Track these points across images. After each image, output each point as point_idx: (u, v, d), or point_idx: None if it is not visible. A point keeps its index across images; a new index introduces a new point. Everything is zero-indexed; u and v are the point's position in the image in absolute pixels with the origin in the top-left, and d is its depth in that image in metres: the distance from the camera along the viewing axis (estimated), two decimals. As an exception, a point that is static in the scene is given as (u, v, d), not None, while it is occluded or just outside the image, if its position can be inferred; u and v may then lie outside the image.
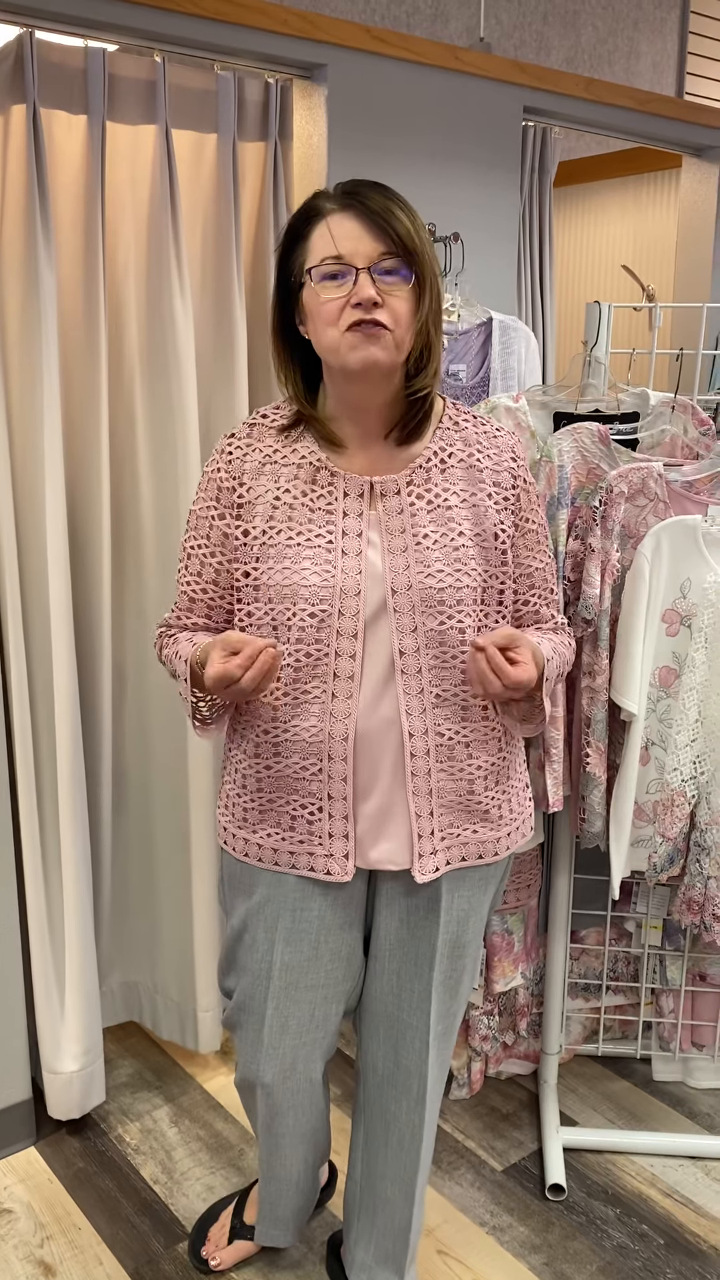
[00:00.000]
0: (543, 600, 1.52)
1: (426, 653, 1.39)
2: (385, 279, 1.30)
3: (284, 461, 1.41)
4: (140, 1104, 2.30)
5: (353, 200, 1.30)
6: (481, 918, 1.58)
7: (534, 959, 2.29)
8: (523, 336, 2.43)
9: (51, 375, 1.94)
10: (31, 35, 1.83)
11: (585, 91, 2.52)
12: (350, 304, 1.29)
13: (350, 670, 1.38)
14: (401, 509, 1.39)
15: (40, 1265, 1.89)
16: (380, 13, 3.06)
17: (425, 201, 2.35)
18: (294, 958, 1.51)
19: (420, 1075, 1.59)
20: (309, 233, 1.33)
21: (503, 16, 3.38)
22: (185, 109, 2.06)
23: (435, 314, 1.36)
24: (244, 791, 1.49)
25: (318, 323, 1.33)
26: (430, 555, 1.38)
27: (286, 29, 2.03)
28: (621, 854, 1.92)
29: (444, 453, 1.43)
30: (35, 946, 2.10)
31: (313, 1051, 1.60)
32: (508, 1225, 1.99)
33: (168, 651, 1.49)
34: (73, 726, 2.05)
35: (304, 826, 1.45)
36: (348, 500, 1.39)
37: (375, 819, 1.44)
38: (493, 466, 1.44)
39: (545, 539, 1.52)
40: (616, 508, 1.86)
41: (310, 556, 1.38)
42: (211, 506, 1.44)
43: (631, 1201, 2.05)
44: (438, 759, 1.43)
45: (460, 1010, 1.63)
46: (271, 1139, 1.69)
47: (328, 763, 1.41)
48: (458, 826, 1.47)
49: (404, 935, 1.53)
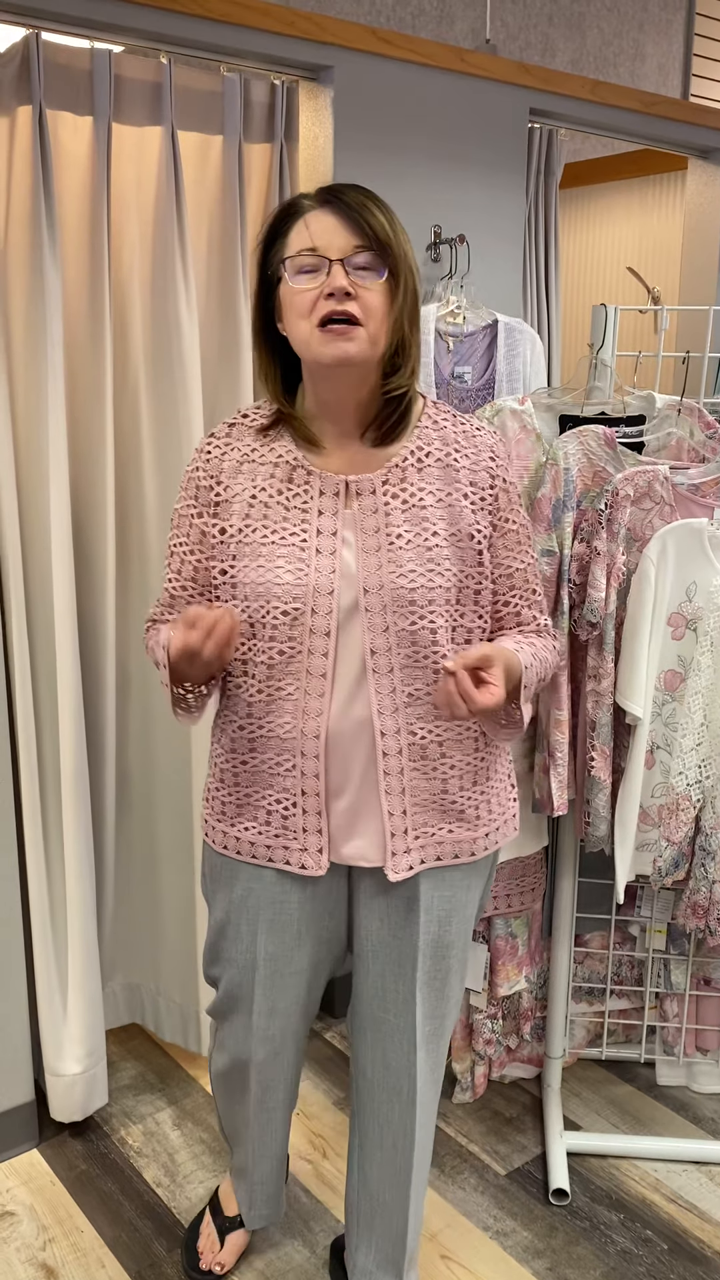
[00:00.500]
0: (524, 602, 1.51)
1: (398, 652, 1.39)
2: (359, 273, 1.31)
3: (261, 460, 1.43)
4: (143, 1106, 2.29)
5: (330, 197, 1.33)
6: (467, 918, 1.57)
7: (538, 963, 2.29)
8: (528, 339, 2.43)
9: (56, 376, 1.94)
10: (37, 36, 1.82)
11: (591, 94, 2.51)
12: (323, 295, 1.31)
13: (323, 669, 1.39)
14: (376, 508, 1.40)
15: (42, 1268, 1.89)
16: (386, 14, 3.06)
17: (431, 203, 2.35)
18: (278, 947, 1.53)
19: (410, 1076, 1.58)
20: (288, 230, 1.35)
21: (508, 18, 3.38)
22: (191, 110, 2.06)
23: (411, 311, 1.37)
24: (223, 786, 1.52)
25: (292, 315, 1.34)
26: (403, 555, 1.38)
27: (292, 31, 2.03)
28: (626, 858, 1.92)
29: (421, 452, 1.43)
30: (38, 948, 2.10)
31: (300, 1026, 1.64)
32: (511, 1230, 1.98)
33: (151, 644, 1.52)
34: (76, 728, 2.05)
35: (279, 821, 1.47)
36: (323, 499, 1.40)
37: (348, 816, 1.45)
38: (470, 466, 1.44)
39: (527, 539, 1.51)
40: (622, 511, 1.86)
41: (284, 555, 1.38)
42: (191, 505, 1.46)
43: (635, 1207, 2.05)
44: (410, 758, 1.43)
45: (451, 1012, 1.62)
46: (264, 1114, 1.71)
47: (300, 759, 1.43)
48: (432, 826, 1.47)
49: (385, 936, 1.53)
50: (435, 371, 2.31)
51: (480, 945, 2.20)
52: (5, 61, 1.84)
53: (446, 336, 2.33)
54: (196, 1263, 1.87)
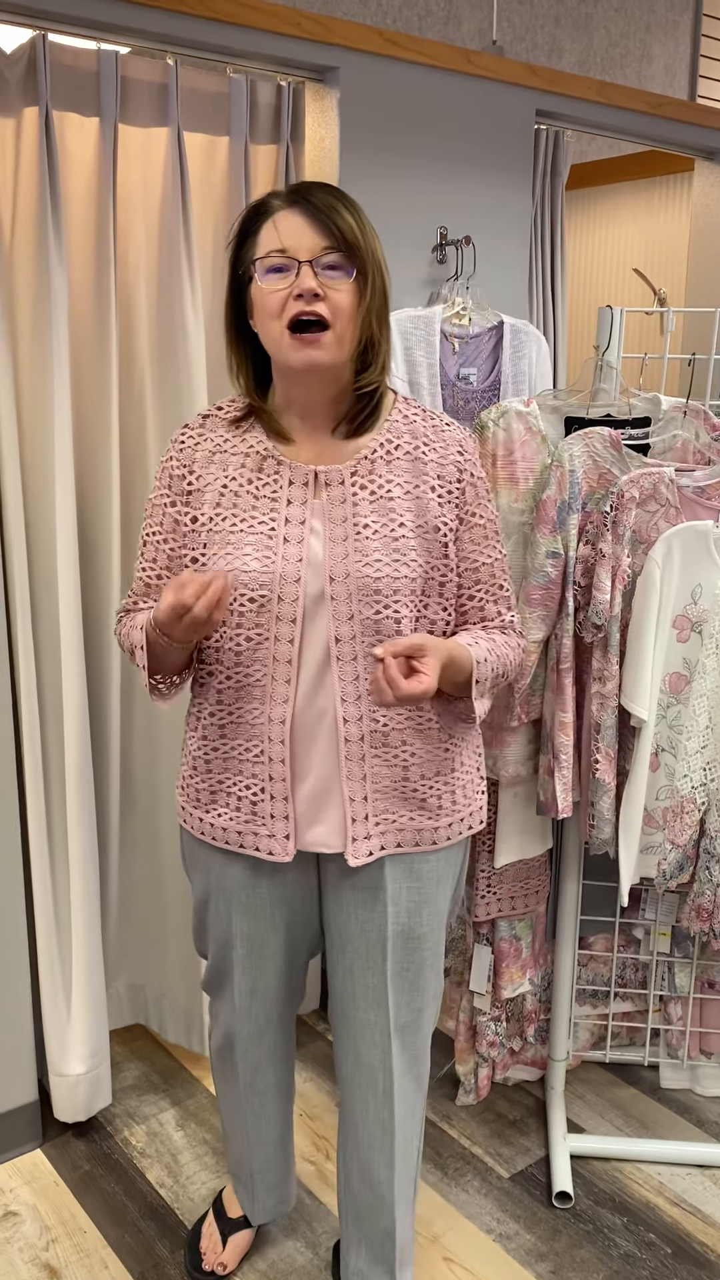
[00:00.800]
0: (489, 596, 1.52)
1: (362, 641, 1.41)
2: (328, 273, 1.34)
3: (233, 450, 1.45)
4: (146, 1107, 2.29)
5: (299, 198, 1.35)
6: (438, 911, 1.57)
7: (542, 965, 2.28)
8: (534, 340, 2.43)
9: (62, 377, 1.94)
10: (44, 38, 1.83)
11: (598, 95, 2.51)
12: (292, 296, 1.33)
13: (289, 655, 1.42)
14: (344, 499, 1.42)
15: (45, 1268, 1.89)
16: (392, 15, 3.06)
17: (436, 205, 2.34)
18: (253, 929, 1.57)
19: (385, 1070, 1.58)
20: (258, 229, 1.38)
21: (514, 19, 3.38)
22: (197, 112, 2.06)
23: (379, 309, 1.40)
24: (196, 773, 1.55)
25: (263, 316, 1.37)
26: (369, 545, 1.41)
27: (299, 32, 2.03)
28: (631, 860, 1.91)
29: (390, 445, 1.45)
30: (42, 949, 2.10)
31: (285, 1007, 1.68)
32: (514, 1233, 1.98)
33: (124, 631, 1.53)
34: (81, 727, 2.05)
35: (249, 808, 1.49)
36: (292, 488, 1.42)
37: (312, 802, 1.47)
38: (438, 459, 1.46)
39: (495, 534, 1.52)
40: (628, 513, 1.85)
41: (252, 543, 1.41)
42: (164, 494, 1.49)
43: (639, 1210, 2.04)
44: (372, 745, 1.45)
45: (429, 1005, 1.62)
46: (255, 1098, 1.74)
47: (267, 744, 1.45)
48: (393, 812, 1.48)
49: (353, 929, 1.55)
50: (441, 373, 2.31)
51: (484, 947, 2.20)
52: (12, 62, 1.85)
53: (452, 338, 2.33)
54: (199, 1263, 1.87)
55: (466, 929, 2.27)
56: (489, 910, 2.16)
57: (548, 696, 1.95)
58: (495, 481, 1.97)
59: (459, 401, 2.35)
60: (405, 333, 2.25)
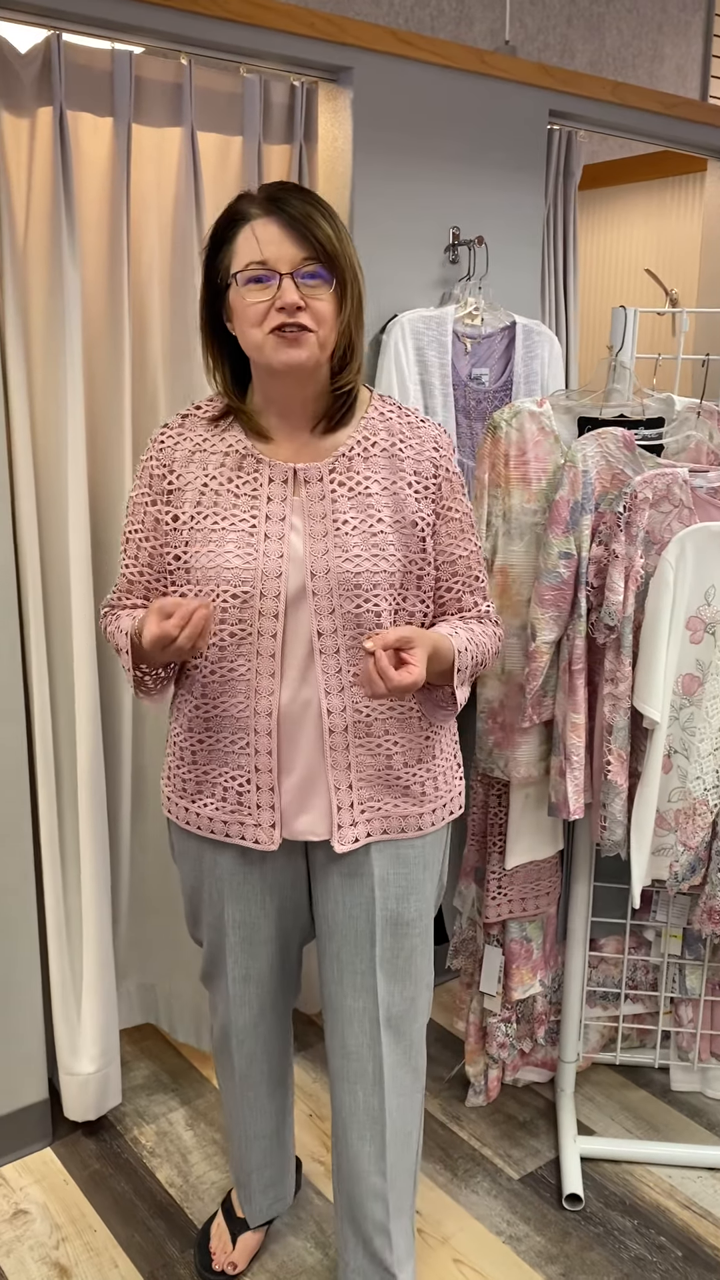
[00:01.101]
0: (466, 588, 1.55)
1: (344, 634, 1.44)
2: (308, 282, 1.36)
3: (212, 450, 1.47)
4: (156, 1106, 2.29)
5: (275, 206, 1.36)
6: (425, 897, 1.60)
7: (552, 966, 2.28)
8: (546, 341, 2.43)
9: (75, 376, 1.94)
10: (59, 38, 1.83)
11: (611, 95, 2.50)
12: (275, 307, 1.35)
13: (272, 649, 1.44)
14: (323, 495, 1.45)
15: (56, 1267, 1.89)
16: (404, 15, 3.06)
17: (449, 205, 2.34)
18: (244, 915, 1.60)
19: (375, 1058, 1.59)
20: (234, 236, 1.38)
21: (526, 19, 3.38)
22: (211, 111, 2.06)
23: (356, 313, 1.43)
24: (182, 764, 1.57)
25: (244, 324, 1.39)
26: (349, 540, 1.43)
27: (313, 32, 2.03)
28: (642, 862, 1.91)
29: (367, 442, 1.48)
30: (53, 948, 2.10)
31: (278, 997, 1.70)
32: (524, 1235, 1.98)
33: (110, 628, 1.55)
34: (92, 727, 2.05)
35: (235, 798, 1.52)
36: (272, 486, 1.45)
37: (298, 792, 1.50)
38: (414, 456, 1.49)
39: (470, 527, 1.55)
40: (641, 513, 1.85)
41: (234, 540, 1.43)
42: (145, 494, 1.50)
43: (649, 1213, 2.04)
44: (355, 735, 1.48)
45: (421, 994, 1.63)
46: (250, 1090, 1.75)
47: (254, 737, 1.48)
48: (378, 800, 1.52)
49: (340, 916, 1.57)
50: (453, 373, 2.31)
51: (495, 949, 2.20)
52: (26, 62, 1.85)
53: (464, 338, 2.32)
54: (209, 1263, 1.87)
55: (477, 930, 2.26)
56: (500, 911, 2.16)
57: (560, 698, 1.95)
58: (508, 482, 1.97)
59: (471, 401, 2.35)
60: (417, 333, 2.24)
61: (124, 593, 1.56)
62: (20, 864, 2.03)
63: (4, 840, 2.01)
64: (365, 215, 2.22)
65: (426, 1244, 1.95)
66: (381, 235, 2.25)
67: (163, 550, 1.50)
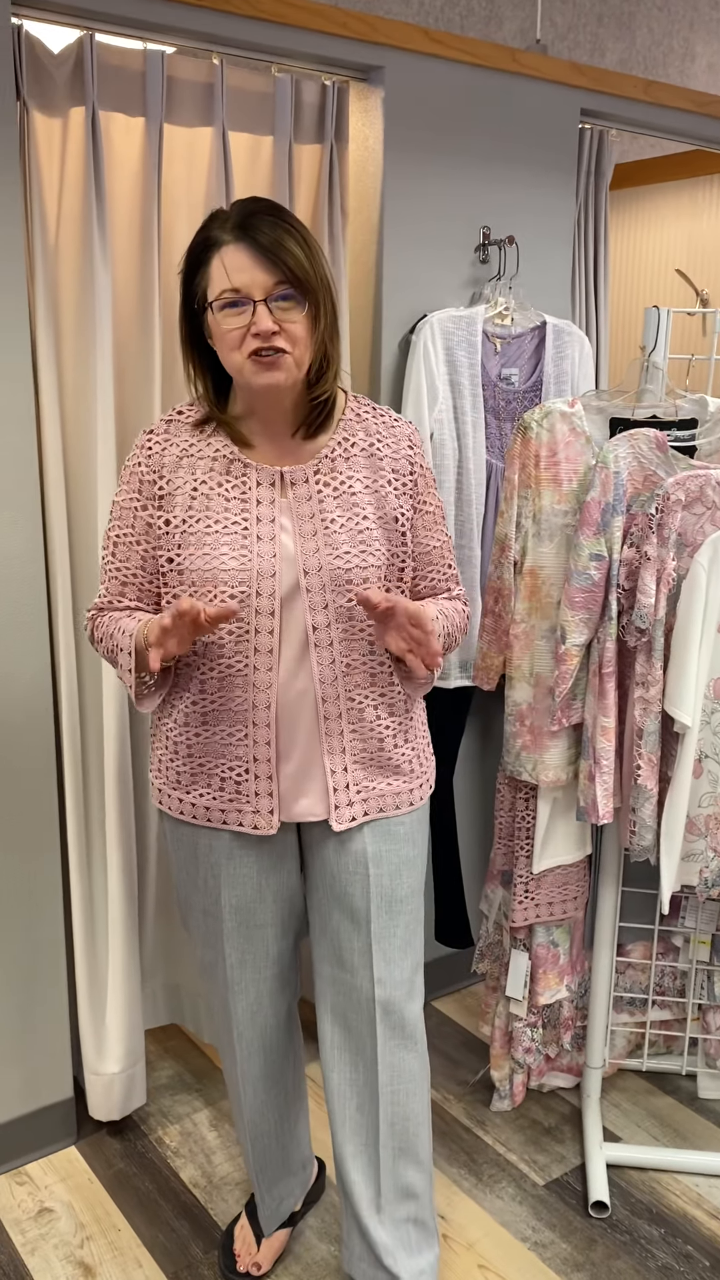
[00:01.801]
0: (440, 575, 1.65)
1: (337, 627, 1.51)
2: (281, 303, 1.41)
3: (199, 454, 1.53)
4: (180, 1106, 2.29)
5: (244, 234, 1.40)
6: (416, 875, 1.65)
7: (579, 972, 2.26)
8: (577, 341, 2.41)
9: (106, 374, 1.95)
10: (92, 38, 1.83)
11: (644, 94, 2.49)
12: (250, 334, 1.41)
13: (269, 645, 1.50)
14: (310, 496, 1.51)
15: (80, 1266, 1.89)
16: (434, 15, 3.05)
17: (480, 204, 2.33)
18: (240, 899, 1.63)
19: (371, 1035, 1.62)
20: (207, 262, 1.44)
21: (557, 18, 3.36)
22: (242, 111, 2.05)
23: (330, 327, 1.48)
24: (176, 757, 1.60)
25: (223, 348, 1.45)
26: (338, 539, 1.50)
27: (345, 31, 2.02)
28: (672, 868, 1.89)
29: (347, 443, 1.55)
30: (79, 948, 2.11)
31: (275, 987, 1.71)
32: (550, 1241, 1.96)
33: (103, 631, 1.58)
34: (120, 726, 2.05)
35: (232, 787, 1.57)
36: (260, 489, 1.51)
37: (296, 777, 1.56)
38: (391, 455, 1.57)
39: (442, 519, 1.65)
40: (673, 515, 1.83)
41: (228, 542, 1.49)
42: (134, 498, 1.55)
43: (676, 1221, 2.02)
44: (349, 721, 1.55)
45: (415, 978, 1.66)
46: (250, 1087, 1.76)
47: (253, 729, 1.54)
48: (372, 780, 1.59)
49: (336, 893, 1.62)
50: (482, 373, 2.29)
51: (521, 953, 2.18)
52: (60, 63, 1.85)
53: (494, 338, 2.31)
54: (234, 1264, 1.87)
55: (503, 934, 2.25)
56: (527, 916, 2.14)
57: (589, 701, 1.93)
58: (538, 483, 1.96)
59: (500, 402, 2.34)
60: (447, 333, 2.23)
61: (116, 595, 1.59)
62: (47, 865, 2.04)
63: (32, 841, 2.01)
64: (396, 215, 2.22)
65: (451, 1249, 1.94)
66: (412, 235, 2.25)
67: (154, 553, 1.55)
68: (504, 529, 2.01)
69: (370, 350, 2.31)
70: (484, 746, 2.62)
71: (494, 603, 2.07)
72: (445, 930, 2.56)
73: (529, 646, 2.02)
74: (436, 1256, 1.73)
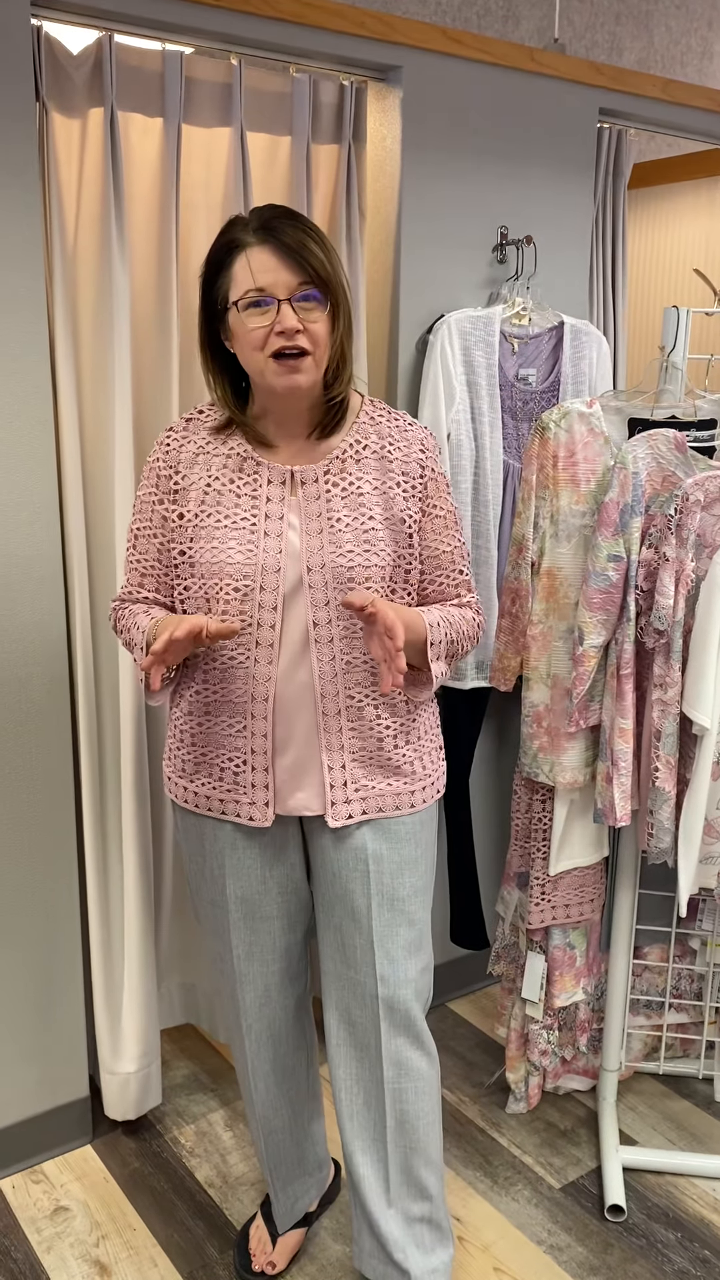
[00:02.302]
0: (450, 581, 1.66)
1: (337, 624, 1.54)
2: (303, 304, 1.45)
3: (215, 453, 1.57)
4: (195, 1106, 2.30)
5: (269, 234, 1.44)
6: (419, 875, 1.66)
7: (596, 974, 2.25)
8: (595, 341, 2.40)
9: (124, 376, 1.95)
10: (111, 39, 1.83)
11: (662, 93, 2.47)
12: (274, 332, 1.44)
13: (270, 639, 1.53)
14: (319, 495, 1.54)
15: (96, 1264, 1.89)
16: (451, 14, 3.04)
17: (498, 204, 2.32)
18: (245, 890, 1.65)
19: (375, 1030, 1.64)
20: (230, 263, 1.47)
21: (574, 17, 3.35)
22: (260, 111, 2.05)
23: (347, 329, 1.52)
24: (182, 745, 1.65)
25: (245, 348, 1.48)
26: (342, 537, 1.53)
27: (363, 31, 2.02)
28: (690, 871, 1.88)
29: (359, 445, 1.58)
30: (95, 948, 2.11)
31: (284, 980, 1.73)
32: (566, 1245, 1.95)
33: (122, 625, 1.63)
34: (137, 726, 2.06)
35: (231, 778, 1.60)
36: (270, 487, 1.54)
37: (292, 771, 1.59)
38: (402, 458, 1.58)
39: (455, 525, 1.65)
40: (692, 516, 1.82)
41: (236, 537, 1.52)
42: (152, 493, 1.60)
43: (693, 1226, 2.01)
44: (348, 719, 1.57)
45: (420, 978, 1.66)
46: (260, 1081, 1.77)
47: (250, 721, 1.56)
48: (371, 780, 1.60)
49: (338, 891, 1.63)
50: (500, 374, 2.29)
51: (538, 955, 2.17)
52: (78, 64, 1.86)
53: (511, 338, 2.30)
54: (249, 1263, 1.87)
55: (519, 936, 2.24)
56: (543, 917, 2.14)
57: (607, 702, 1.93)
58: (556, 483, 1.95)
59: (518, 402, 2.33)
60: (464, 333, 2.23)
61: (136, 586, 1.64)
62: (64, 865, 2.04)
63: (48, 840, 2.02)
64: (413, 215, 2.21)
65: (466, 1251, 1.94)
66: (429, 235, 2.24)
67: (169, 545, 1.59)
68: (521, 529, 2.01)
69: (387, 350, 2.30)
70: (500, 747, 2.62)
71: (511, 603, 2.06)
72: (461, 932, 2.56)
73: (546, 647, 2.02)
74: (450, 1257, 1.73)
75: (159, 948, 2.36)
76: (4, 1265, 1.90)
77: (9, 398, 1.84)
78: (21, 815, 1.98)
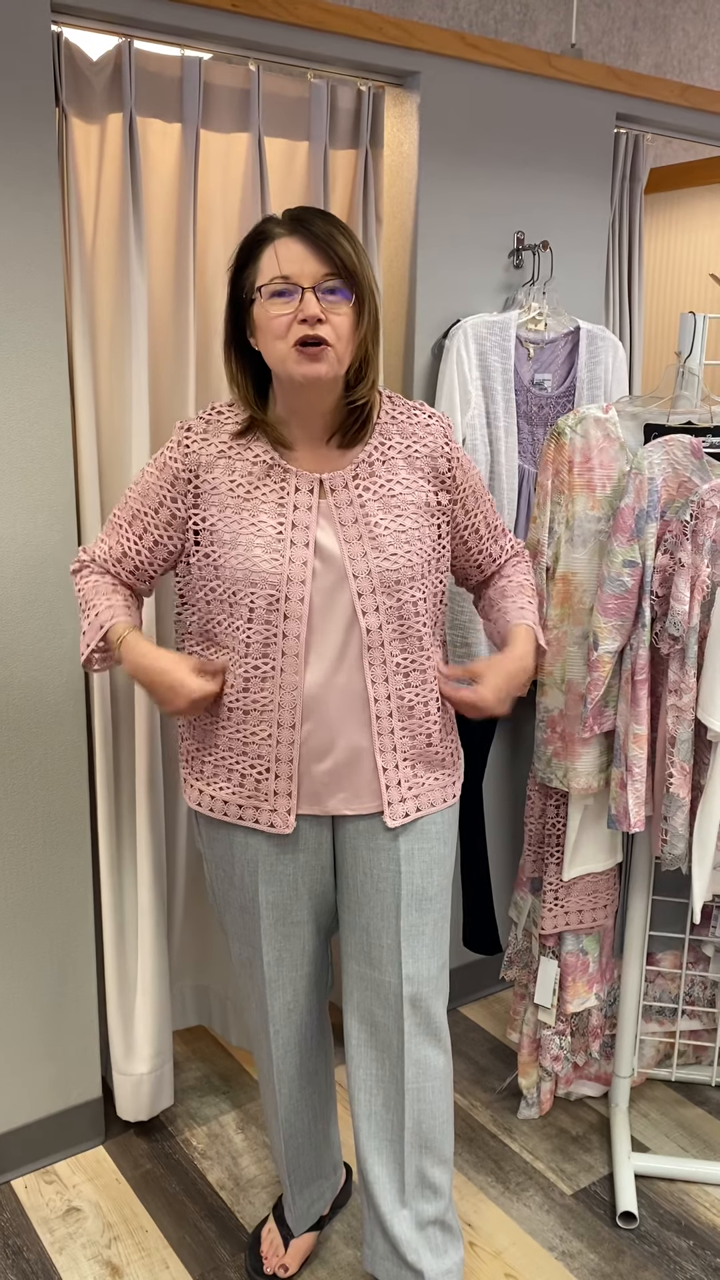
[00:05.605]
0: (493, 540, 1.72)
1: (389, 627, 1.55)
2: (328, 298, 1.43)
3: (238, 456, 1.55)
4: (207, 1108, 2.30)
5: (298, 226, 1.43)
6: (445, 874, 1.67)
7: (609, 980, 2.25)
8: (610, 346, 2.40)
9: (141, 379, 1.96)
10: (130, 45, 1.84)
11: (680, 98, 2.47)
12: (297, 320, 1.42)
13: (297, 649, 1.52)
14: (351, 501, 1.54)
15: (107, 1266, 1.90)
16: (468, 19, 3.05)
17: (514, 209, 2.33)
18: (277, 896, 1.65)
19: (398, 1030, 1.64)
20: (259, 255, 1.46)
21: (591, 22, 3.35)
22: (278, 117, 2.06)
23: (373, 330, 1.51)
24: (202, 748, 1.64)
25: (267, 337, 1.46)
26: (384, 541, 1.53)
27: (381, 37, 2.03)
28: (704, 877, 1.88)
29: (385, 447, 1.57)
30: (109, 949, 2.12)
31: (310, 985, 1.73)
32: (577, 1251, 1.95)
33: (84, 591, 1.63)
34: (151, 728, 2.06)
35: (252, 785, 1.60)
36: (299, 495, 1.53)
37: (333, 774, 1.58)
38: (429, 454, 1.59)
39: (482, 487, 1.69)
40: (708, 522, 1.82)
41: (262, 544, 1.51)
42: (166, 489, 1.57)
43: (705, 1234, 2.00)
44: (400, 719, 1.59)
45: (441, 975, 1.67)
46: (285, 1086, 1.77)
47: (277, 729, 1.56)
48: (421, 776, 1.63)
49: (369, 889, 1.63)
50: (515, 378, 2.29)
51: (550, 961, 2.17)
52: (98, 70, 1.87)
53: (527, 343, 2.31)
54: (260, 1266, 1.87)
55: (532, 941, 2.24)
56: (556, 923, 2.13)
57: (621, 708, 1.92)
58: (572, 489, 1.95)
59: (533, 407, 2.33)
60: (480, 338, 2.23)
61: (113, 560, 1.62)
62: (78, 867, 2.05)
63: (63, 841, 2.02)
64: (430, 219, 2.22)
65: (478, 1256, 1.93)
66: (446, 239, 2.24)
67: (168, 543, 1.58)
68: (536, 535, 2.01)
69: (403, 354, 2.31)
70: (514, 752, 2.61)
71: (526, 608, 2.06)
72: (474, 936, 2.55)
73: (561, 653, 2.01)
74: (461, 1258, 1.72)
75: (172, 950, 2.37)
76: (16, 1266, 1.91)
77: (28, 401, 1.85)
78: (36, 818, 1.99)
